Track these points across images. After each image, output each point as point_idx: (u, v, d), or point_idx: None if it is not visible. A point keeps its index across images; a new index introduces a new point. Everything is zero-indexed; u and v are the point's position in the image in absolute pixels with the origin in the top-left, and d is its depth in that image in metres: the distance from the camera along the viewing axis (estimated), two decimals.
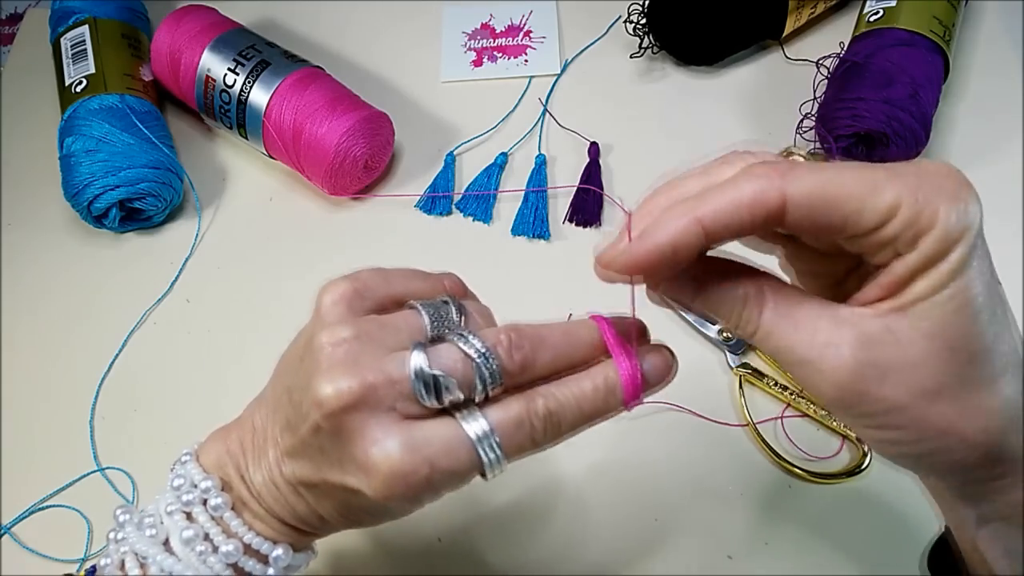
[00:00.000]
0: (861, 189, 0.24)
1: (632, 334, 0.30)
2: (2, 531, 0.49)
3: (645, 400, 0.30)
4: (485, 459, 0.28)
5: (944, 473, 0.28)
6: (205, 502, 0.32)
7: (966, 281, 0.25)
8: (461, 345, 0.28)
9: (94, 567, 0.34)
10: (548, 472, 0.49)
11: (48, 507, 0.49)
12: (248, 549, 0.31)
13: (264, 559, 0.32)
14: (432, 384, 0.28)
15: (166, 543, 0.31)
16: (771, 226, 0.25)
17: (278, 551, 0.32)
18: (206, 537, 0.31)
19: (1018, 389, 0.26)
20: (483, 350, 0.28)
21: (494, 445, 0.28)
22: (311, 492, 0.31)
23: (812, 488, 0.47)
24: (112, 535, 0.33)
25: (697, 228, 0.25)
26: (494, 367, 0.28)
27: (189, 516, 0.32)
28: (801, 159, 0.27)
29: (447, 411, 0.28)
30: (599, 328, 0.30)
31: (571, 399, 0.29)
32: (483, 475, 0.28)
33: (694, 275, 0.28)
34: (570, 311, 0.49)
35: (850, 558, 0.45)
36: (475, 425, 0.28)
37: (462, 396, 0.28)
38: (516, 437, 0.28)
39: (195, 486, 0.32)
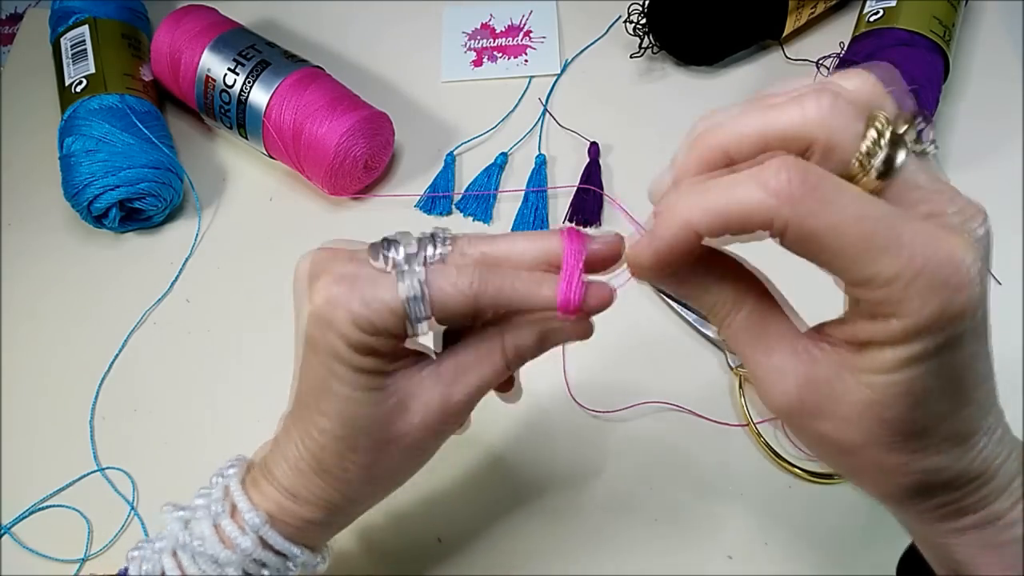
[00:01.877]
0: (860, 250, 0.23)
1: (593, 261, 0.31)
2: (2, 531, 0.49)
3: (578, 315, 0.30)
4: (406, 290, 0.29)
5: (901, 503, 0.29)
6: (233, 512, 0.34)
7: (918, 373, 0.24)
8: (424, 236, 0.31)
9: (126, 568, 0.35)
10: (548, 472, 0.49)
11: (48, 507, 0.49)
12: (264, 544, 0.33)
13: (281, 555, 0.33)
14: (381, 243, 0.30)
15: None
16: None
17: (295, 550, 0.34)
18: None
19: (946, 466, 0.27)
20: (439, 229, 0.31)
21: (419, 277, 0.29)
22: (304, 414, 0.32)
23: (812, 488, 0.47)
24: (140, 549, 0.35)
25: (690, 233, 0.25)
26: (444, 234, 0.31)
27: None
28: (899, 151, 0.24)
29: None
30: (563, 240, 0.31)
31: (508, 273, 0.30)
32: (407, 320, 0.29)
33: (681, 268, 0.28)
34: None
35: (850, 558, 0.45)
36: (408, 266, 0.29)
37: (404, 251, 0.30)
38: (441, 277, 0.29)
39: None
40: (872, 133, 0.24)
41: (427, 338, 0.34)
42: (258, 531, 0.33)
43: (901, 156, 0.24)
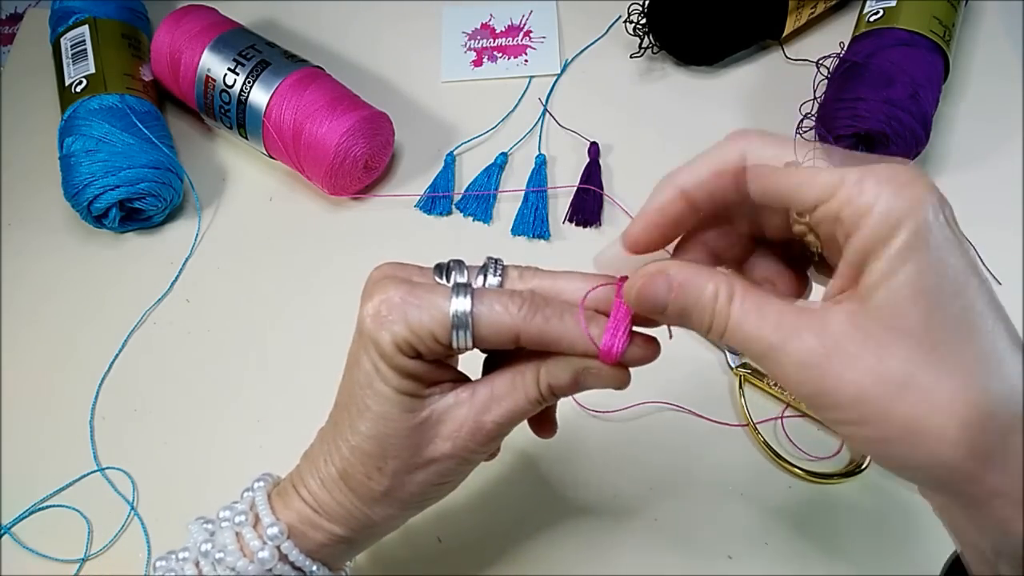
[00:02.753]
0: (809, 170, 0.26)
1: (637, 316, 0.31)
2: (2, 531, 0.49)
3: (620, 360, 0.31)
4: (456, 306, 0.29)
5: (934, 485, 0.26)
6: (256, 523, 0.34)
7: (919, 267, 0.24)
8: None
9: None
10: (548, 472, 0.49)
11: (48, 507, 0.49)
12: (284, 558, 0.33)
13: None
14: (444, 266, 0.32)
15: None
16: (740, 189, 0.28)
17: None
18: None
19: (1013, 385, 0.24)
20: (491, 259, 0.32)
21: (469, 295, 0.30)
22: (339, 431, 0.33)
23: (812, 488, 0.47)
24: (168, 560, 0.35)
25: (675, 193, 0.29)
26: (499, 265, 0.32)
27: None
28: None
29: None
30: (616, 287, 0.31)
31: (557, 312, 0.30)
32: (452, 331, 0.30)
33: (667, 280, 0.29)
34: None
35: (850, 558, 0.45)
36: (461, 288, 0.30)
37: (467, 277, 0.32)
38: (492, 303, 0.30)
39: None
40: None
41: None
42: (277, 543, 0.33)
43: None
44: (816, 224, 0.27)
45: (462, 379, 0.33)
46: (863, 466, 0.47)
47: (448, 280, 0.32)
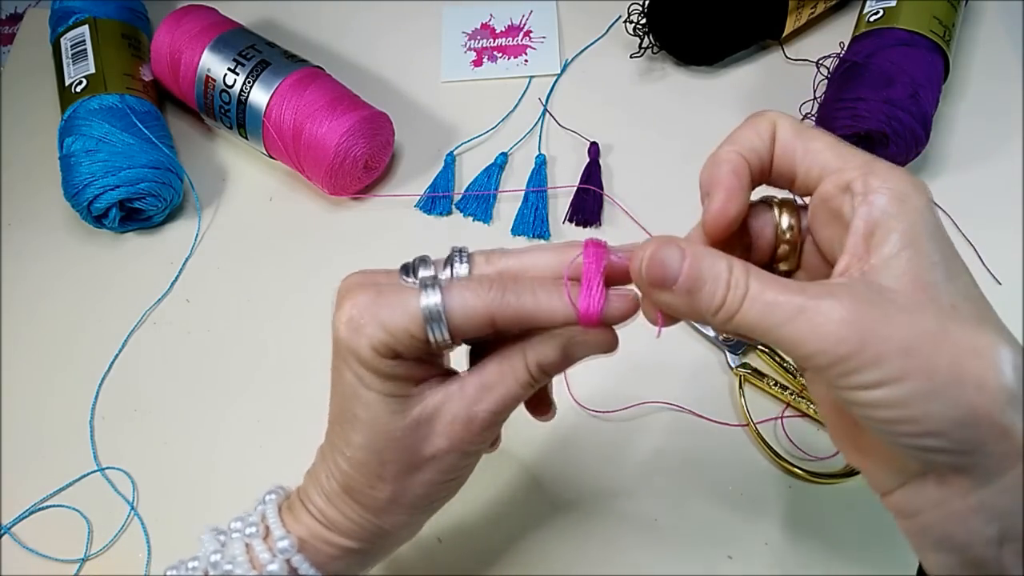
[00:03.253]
0: (831, 140, 0.29)
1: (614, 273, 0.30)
2: (2, 531, 0.49)
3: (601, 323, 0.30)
4: (426, 301, 0.29)
5: (960, 448, 0.25)
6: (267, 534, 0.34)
7: (935, 241, 0.26)
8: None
9: None
10: (548, 472, 0.49)
11: (48, 507, 0.49)
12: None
13: None
14: (410, 265, 0.31)
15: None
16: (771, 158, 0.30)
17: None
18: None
19: (1012, 352, 0.25)
20: (456, 248, 0.32)
21: (437, 288, 0.29)
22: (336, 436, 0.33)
23: (812, 488, 0.47)
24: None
25: (736, 156, 0.29)
26: (464, 253, 0.31)
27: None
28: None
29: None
30: (583, 250, 0.30)
31: (526, 286, 0.30)
32: (426, 325, 0.29)
33: (680, 249, 0.28)
34: None
35: (850, 558, 0.45)
36: (428, 282, 0.30)
37: (433, 271, 0.31)
38: (460, 290, 0.29)
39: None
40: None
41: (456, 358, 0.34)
42: (287, 556, 0.32)
43: None
44: (823, 197, 0.29)
45: (449, 373, 0.33)
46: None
47: (415, 277, 0.31)
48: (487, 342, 0.33)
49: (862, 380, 0.25)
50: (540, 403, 0.37)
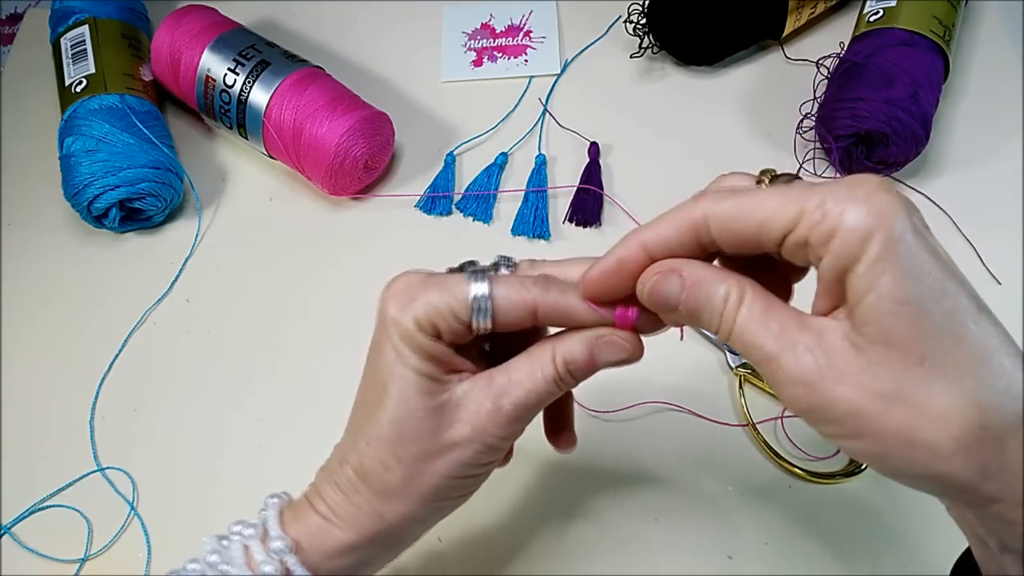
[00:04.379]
0: (772, 203, 0.26)
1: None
2: (2, 531, 0.49)
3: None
4: (475, 286, 0.31)
5: (933, 493, 0.27)
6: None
7: (894, 277, 0.24)
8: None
9: None
10: (548, 472, 0.49)
11: (48, 507, 0.49)
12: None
13: None
14: (457, 267, 0.33)
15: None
16: (704, 244, 0.28)
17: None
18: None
19: (1005, 390, 0.24)
20: (502, 256, 0.33)
21: (486, 278, 0.31)
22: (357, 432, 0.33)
23: (812, 488, 0.47)
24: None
25: (639, 248, 0.29)
26: (511, 260, 0.33)
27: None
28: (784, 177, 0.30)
29: None
30: None
31: (570, 287, 0.31)
32: (472, 309, 0.31)
33: (680, 279, 0.29)
34: None
35: (850, 558, 0.45)
36: (478, 273, 0.31)
37: (472, 268, 0.32)
38: (508, 284, 0.31)
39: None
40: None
41: None
42: (281, 556, 0.32)
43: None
44: (790, 255, 0.27)
45: (481, 370, 0.33)
46: (863, 466, 0.47)
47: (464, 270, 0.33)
48: (508, 354, 0.33)
49: (822, 429, 0.27)
50: (561, 428, 0.38)
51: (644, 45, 0.65)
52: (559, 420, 0.38)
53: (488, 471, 0.35)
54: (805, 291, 0.30)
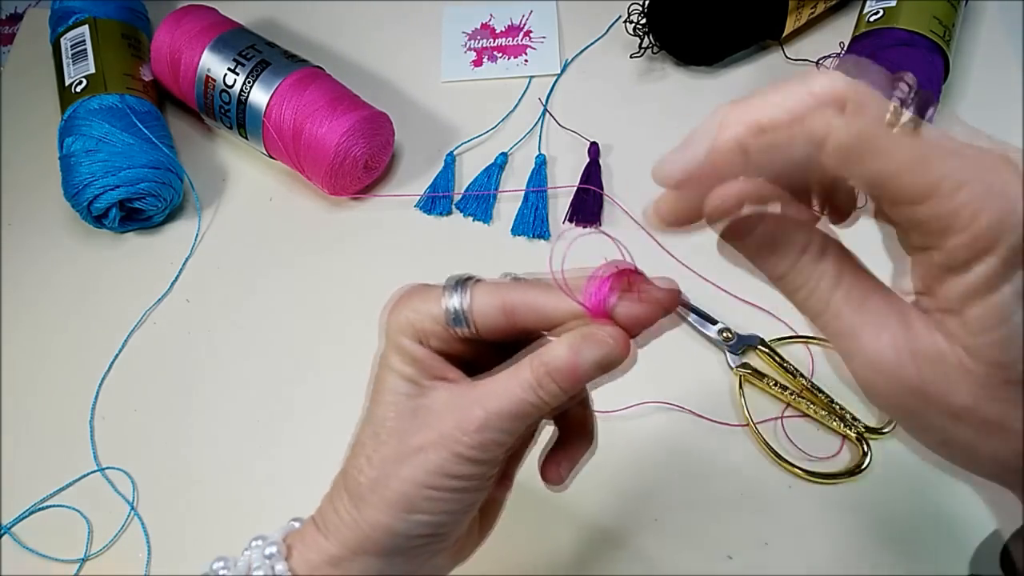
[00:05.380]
0: (916, 159, 0.22)
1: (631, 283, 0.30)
2: (2, 531, 0.49)
3: (613, 317, 0.30)
4: (449, 292, 0.31)
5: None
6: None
7: (1015, 289, 0.22)
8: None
9: None
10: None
11: (48, 507, 0.49)
12: None
13: None
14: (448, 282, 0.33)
15: None
16: (813, 163, 0.23)
17: None
18: None
19: None
20: (510, 273, 0.34)
21: (463, 285, 0.31)
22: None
23: (812, 488, 0.47)
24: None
25: (736, 143, 0.24)
26: (510, 274, 0.33)
27: None
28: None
29: None
30: (603, 269, 0.30)
31: (543, 284, 0.31)
32: (447, 309, 0.31)
33: (770, 237, 0.26)
34: None
35: (850, 558, 0.45)
36: (459, 279, 0.32)
37: (457, 277, 0.32)
38: (483, 287, 0.31)
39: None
40: (899, 92, 0.24)
41: None
42: (271, 561, 0.32)
43: (930, 111, 0.23)
44: (904, 219, 0.24)
45: (466, 379, 0.33)
46: (863, 466, 0.47)
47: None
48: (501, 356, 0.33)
49: (915, 435, 0.26)
50: (551, 462, 0.36)
51: (644, 45, 0.65)
52: (556, 457, 0.36)
53: (467, 493, 0.32)
54: None
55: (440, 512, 0.32)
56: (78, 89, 0.60)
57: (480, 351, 0.32)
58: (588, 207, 0.59)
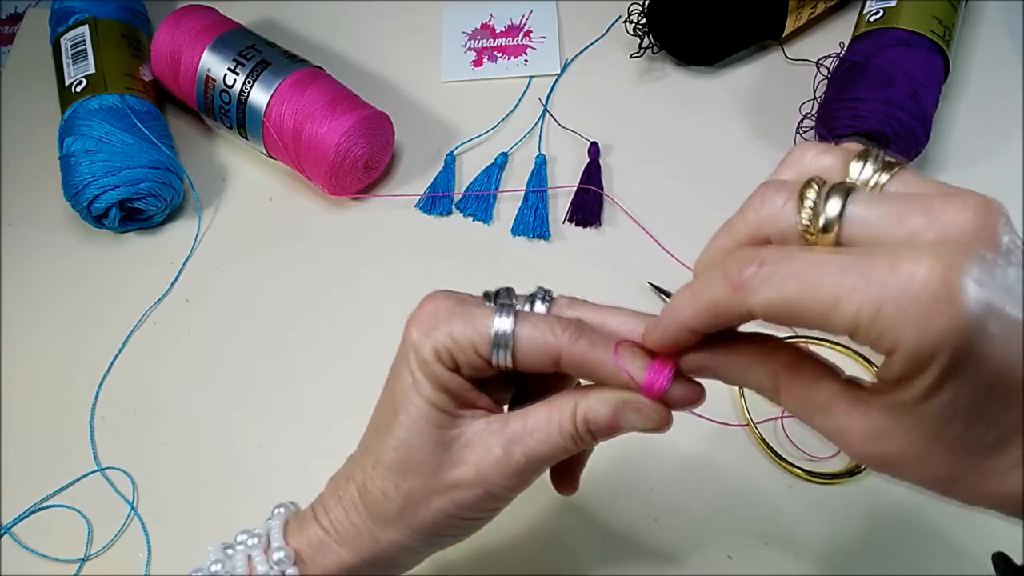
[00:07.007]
0: (822, 303, 0.22)
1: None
2: (2, 531, 0.49)
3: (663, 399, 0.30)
4: (499, 321, 0.29)
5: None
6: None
7: (957, 389, 0.22)
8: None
9: None
10: (547, 472, 0.49)
11: (48, 507, 0.49)
12: None
13: None
14: (493, 293, 0.32)
15: None
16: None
17: None
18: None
19: None
20: (545, 289, 0.32)
21: (512, 314, 0.30)
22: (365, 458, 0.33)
23: (812, 488, 0.47)
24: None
25: (684, 331, 0.27)
26: (549, 295, 0.32)
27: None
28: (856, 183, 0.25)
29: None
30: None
31: (602, 339, 0.30)
32: (492, 345, 0.29)
33: (715, 354, 0.28)
34: None
35: (849, 558, 0.45)
36: (506, 307, 0.30)
37: (513, 301, 0.31)
38: (535, 324, 0.30)
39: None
40: (806, 202, 0.24)
41: None
42: (283, 568, 0.32)
43: (834, 208, 0.24)
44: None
45: (497, 410, 0.32)
46: (863, 466, 0.47)
47: (495, 303, 0.31)
48: (534, 391, 0.32)
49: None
50: (566, 474, 0.36)
51: (644, 45, 0.65)
52: (567, 468, 0.36)
53: (490, 517, 0.34)
54: None
55: (462, 535, 0.34)
56: (78, 89, 0.60)
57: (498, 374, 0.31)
58: (588, 207, 0.59)
